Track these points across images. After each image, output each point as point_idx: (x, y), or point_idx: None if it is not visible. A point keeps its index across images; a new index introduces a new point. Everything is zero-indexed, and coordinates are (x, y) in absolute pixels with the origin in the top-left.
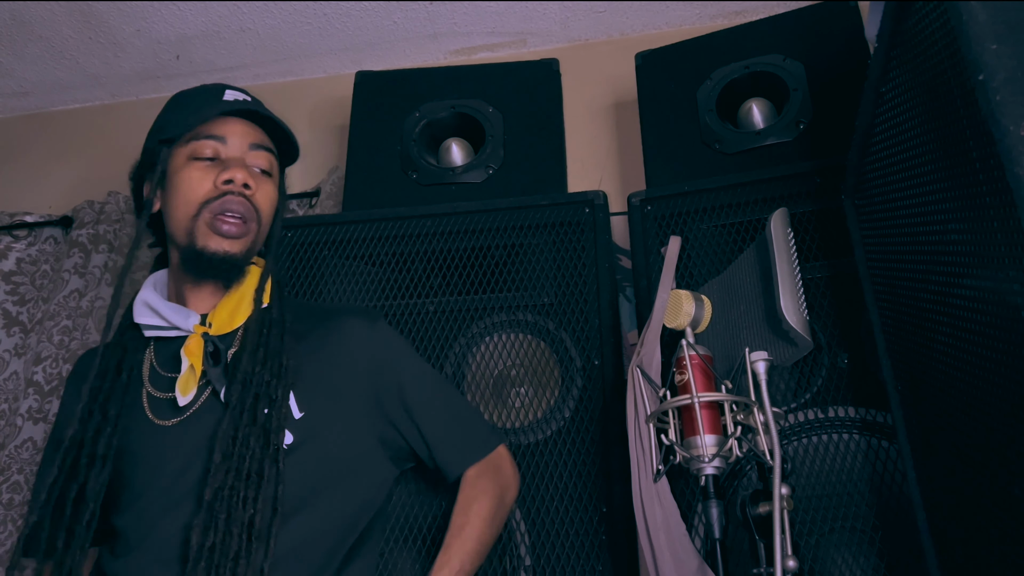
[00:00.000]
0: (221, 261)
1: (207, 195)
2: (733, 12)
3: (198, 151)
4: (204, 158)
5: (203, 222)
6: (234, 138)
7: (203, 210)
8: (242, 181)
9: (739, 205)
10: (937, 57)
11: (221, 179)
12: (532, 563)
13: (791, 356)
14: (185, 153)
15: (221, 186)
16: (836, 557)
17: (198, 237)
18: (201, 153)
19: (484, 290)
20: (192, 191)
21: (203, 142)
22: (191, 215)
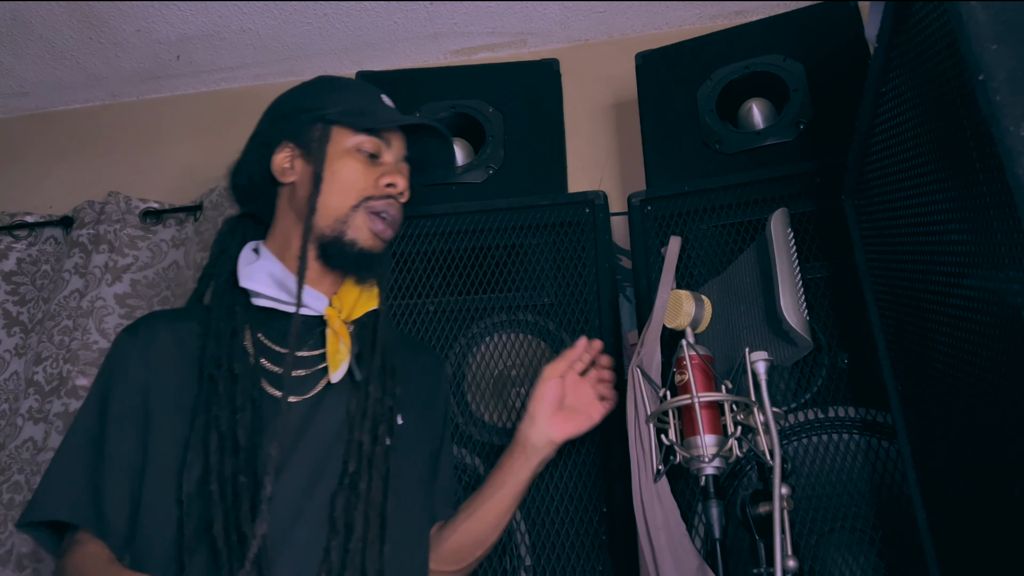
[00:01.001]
0: (366, 258)
1: (369, 191)
2: (733, 12)
3: (364, 145)
4: (367, 153)
5: (361, 216)
6: (396, 145)
7: (363, 204)
8: (402, 189)
9: (739, 205)
10: (937, 57)
11: (384, 180)
12: (532, 563)
13: (791, 356)
14: (349, 142)
15: (383, 187)
16: (836, 557)
17: (350, 229)
18: (366, 148)
19: (484, 290)
20: (355, 181)
21: (371, 139)
22: (350, 205)
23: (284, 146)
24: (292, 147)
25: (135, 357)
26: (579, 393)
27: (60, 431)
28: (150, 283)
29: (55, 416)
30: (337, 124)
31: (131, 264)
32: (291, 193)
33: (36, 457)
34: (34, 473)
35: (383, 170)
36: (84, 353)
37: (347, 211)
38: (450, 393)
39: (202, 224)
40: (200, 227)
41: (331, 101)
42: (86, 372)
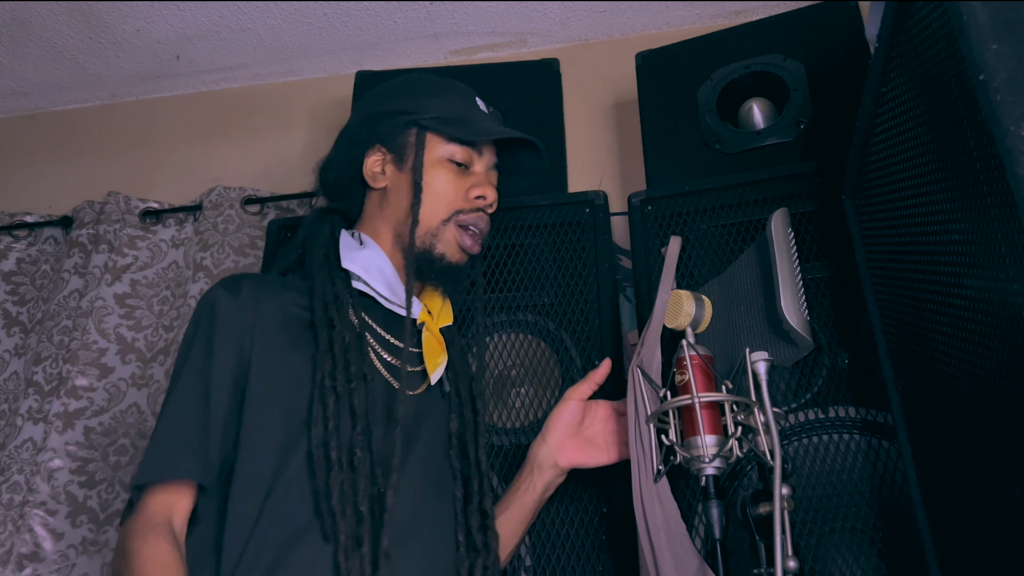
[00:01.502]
0: (453, 271)
1: (459, 204)
2: (733, 12)
3: (456, 155)
4: (457, 163)
5: (451, 229)
6: (486, 154)
7: (453, 217)
8: (491, 201)
9: (739, 205)
10: (937, 57)
11: (474, 192)
12: (532, 563)
13: (791, 356)
14: (441, 151)
15: (473, 200)
16: (836, 557)
17: (439, 242)
18: (457, 158)
19: (484, 290)
20: (446, 193)
21: (464, 148)
22: (441, 218)
23: (376, 150)
24: (384, 152)
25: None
26: (605, 426)
27: (59, 431)
28: (150, 283)
29: (55, 416)
30: (431, 131)
31: (131, 264)
32: (381, 197)
33: (36, 457)
34: (33, 473)
35: (473, 181)
36: (84, 353)
37: (437, 224)
38: None
39: (202, 224)
40: (200, 227)
41: (427, 105)
42: (85, 372)
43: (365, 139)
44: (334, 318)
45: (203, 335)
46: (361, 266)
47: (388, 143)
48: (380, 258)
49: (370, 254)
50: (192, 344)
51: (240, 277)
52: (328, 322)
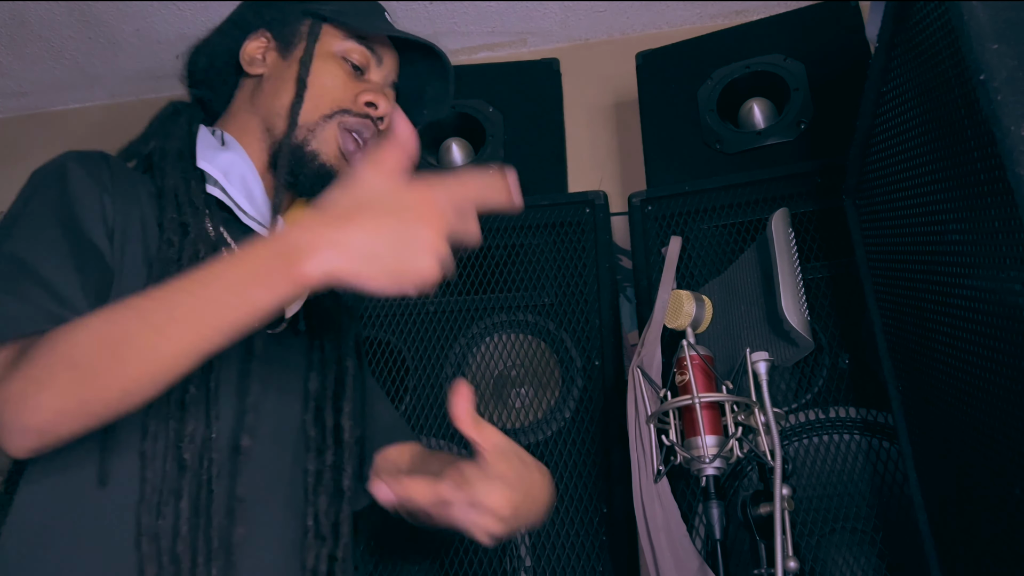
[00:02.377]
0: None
1: (346, 104)
2: (733, 12)
3: (352, 54)
4: (353, 64)
5: (331, 128)
6: (387, 65)
7: (337, 116)
8: (383, 112)
9: (740, 205)
10: (938, 57)
11: (364, 98)
12: (532, 564)
13: (792, 356)
14: (336, 46)
15: (363, 105)
16: (837, 558)
17: (315, 139)
18: (352, 58)
19: (484, 290)
20: (333, 88)
21: (362, 49)
22: (322, 114)
23: (260, 34)
24: (269, 37)
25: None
26: None
27: None
28: None
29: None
30: (328, 22)
31: None
32: (255, 86)
33: None
34: None
35: (366, 87)
36: None
37: (317, 120)
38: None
39: None
40: None
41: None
42: None
43: (250, 22)
44: (188, 223)
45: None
46: (220, 169)
47: (275, 29)
48: (244, 163)
49: (233, 157)
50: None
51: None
52: (181, 227)
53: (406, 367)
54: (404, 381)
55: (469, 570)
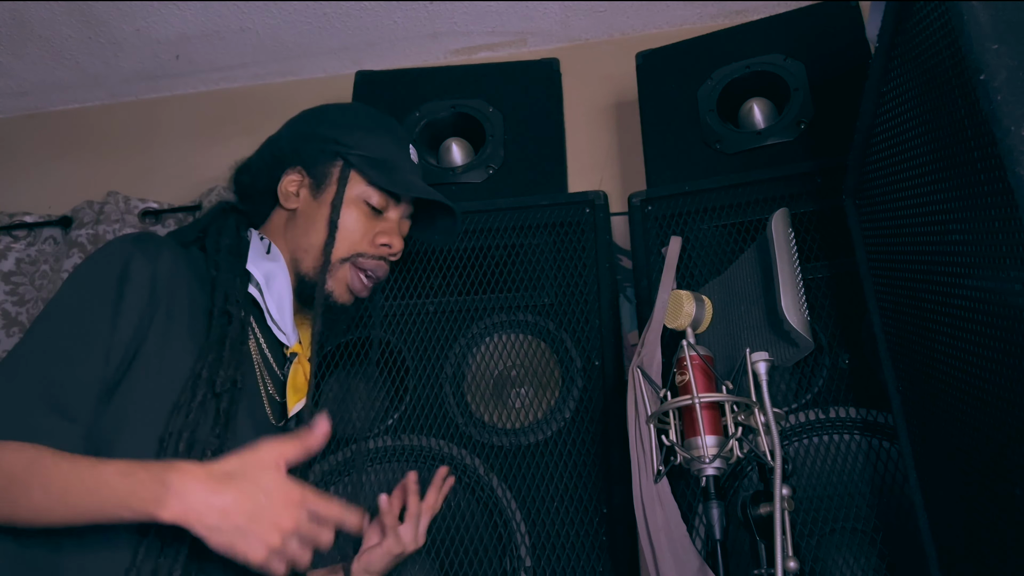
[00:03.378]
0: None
1: (363, 247)
2: (734, 12)
3: (372, 198)
4: (372, 207)
5: (346, 270)
6: (404, 204)
7: (353, 259)
8: (396, 251)
9: (740, 205)
10: (938, 57)
11: (380, 239)
12: (532, 564)
13: (792, 356)
14: (358, 189)
15: (378, 246)
16: (837, 558)
17: (330, 280)
18: (373, 201)
19: (484, 290)
20: (353, 233)
21: (382, 195)
22: (340, 256)
23: (296, 171)
24: (303, 175)
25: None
26: None
27: None
28: None
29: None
30: (356, 169)
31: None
32: (289, 218)
33: None
34: None
35: (383, 228)
36: None
37: (334, 262)
38: None
39: None
40: None
41: (358, 140)
42: None
43: (288, 156)
44: (232, 312)
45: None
46: (264, 276)
47: (310, 167)
48: (284, 279)
49: (276, 270)
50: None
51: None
52: (226, 315)
53: (406, 367)
54: (404, 381)
55: (469, 570)
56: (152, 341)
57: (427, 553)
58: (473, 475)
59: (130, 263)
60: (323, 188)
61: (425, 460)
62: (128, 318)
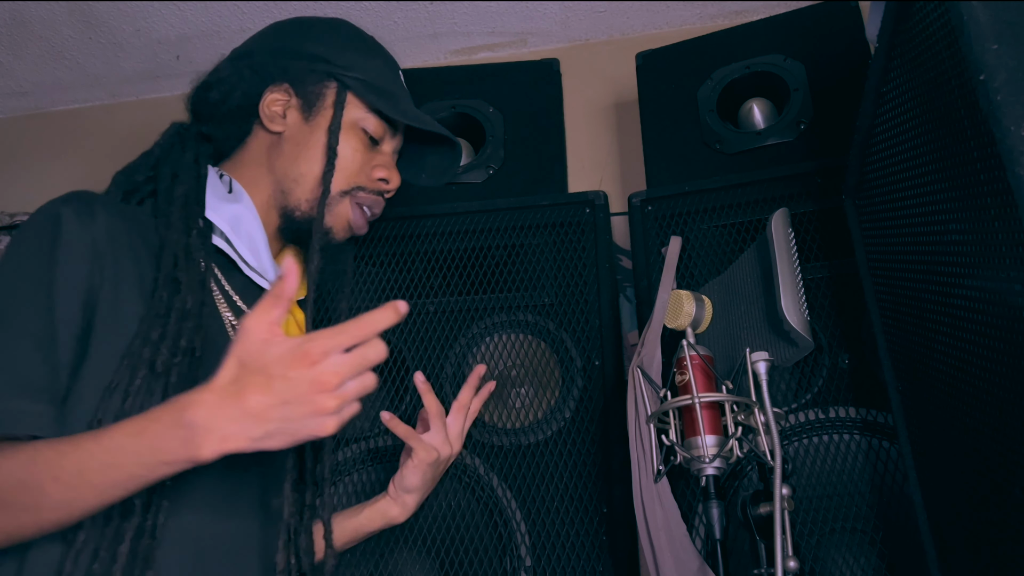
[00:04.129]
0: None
1: (361, 180)
2: (733, 12)
3: (369, 125)
4: (370, 136)
5: (345, 204)
6: (398, 136)
7: (354, 192)
8: (393, 187)
9: (740, 205)
10: (938, 57)
11: (378, 173)
12: (532, 564)
13: (792, 356)
14: (357, 114)
15: (375, 180)
16: (837, 558)
17: (329, 214)
18: (370, 128)
19: (484, 290)
20: (352, 163)
21: (381, 123)
22: (340, 189)
23: (282, 88)
24: (291, 94)
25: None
26: None
27: None
28: None
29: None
30: (353, 92)
31: None
32: (273, 143)
33: None
34: None
35: (380, 160)
36: None
37: (334, 195)
38: None
39: None
40: None
41: (352, 61)
42: None
43: (271, 72)
44: (181, 279)
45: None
46: (228, 222)
47: (298, 86)
48: (252, 219)
49: (241, 211)
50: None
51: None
52: (173, 282)
53: (406, 367)
54: (404, 381)
55: (469, 570)
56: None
57: (427, 553)
58: (473, 475)
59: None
60: (315, 111)
61: None
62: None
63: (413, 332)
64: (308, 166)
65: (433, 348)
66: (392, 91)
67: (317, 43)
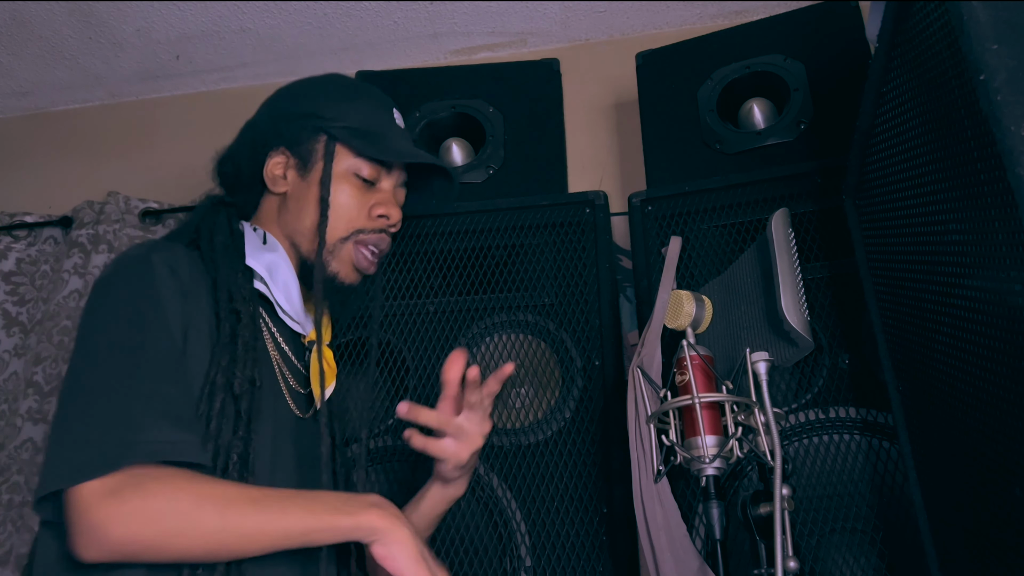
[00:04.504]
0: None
1: (361, 223)
2: (733, 12)
3: (362, 170)
4: (364, 179)
5: (348, 249)
6: (396, 172)
7: (353, 237)
8: (395, 221)
9: (740, 205)
10: (938, 57)
11: (377, 211)
12: (533, 564)
13: (792, 356)
14: (346, 163)
15: (375, 219)
16: (837, 558)
17: (334, 261)
18: (363, 173)
19: (484, 290)
20: (349, 209)
21: (372, 165)
22: (339, 236)
23: (280, 152)
24: (288, 156)
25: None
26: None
27: None
28: None
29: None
30: (340, 142)
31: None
32: (280, 203)
33: (35, 458)
34: (33, 474)
35: (378, 199)
36: None
37: (335, 242)
38: None
39: None
40: None
41: (339, 111)
42: None
43: (269, 139)
44: (241, 311)
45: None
46: (266, 268)
47: (293, 147)
48: (286, 268)
49: (276, 259)
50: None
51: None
52: (234, 314)
53: (406, 367)
54: (404, 381)
55: (469, 570)
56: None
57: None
58: (473, 475)
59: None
60: (310, 167)
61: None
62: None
63: (413, 332)
64: (310, 219)
65: (433, 348)
66: (379, 131)
67: (307, 101)
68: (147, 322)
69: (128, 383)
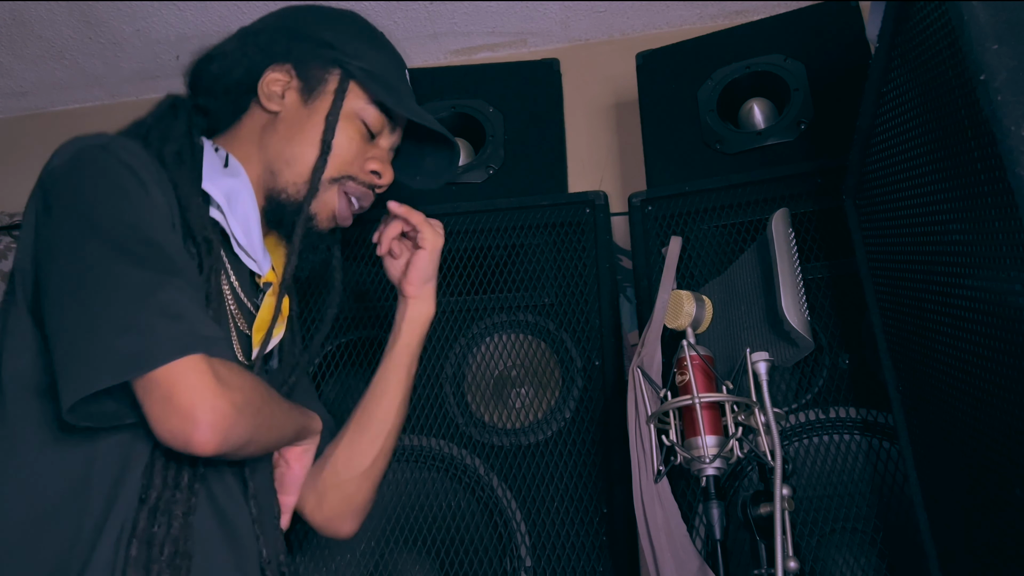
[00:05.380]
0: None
1: (355, 170)
2: (733, 12)
3: (368, 116)
4: (368, 128)
5: (332, 192)
6: (396, 133)
7: (344, 181)
8: (385, 183)
9: (740, 205)
10: (938, 57)
11: (371, 165)
12: (532, 564)
13: (792, 357)
14: (355, 104)
15: (368, 173)
16: (837, 558)
17: (316, 202)
18: (369, 121)
19: (484, 290)
20: (345, 152)
21: (381, 116)
22: (330, 176)
23: (283, 68)
24: (292, 76)
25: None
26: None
27: None
28: None
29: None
30: (356, 80)
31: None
32: (268, 122)
33: None
34: None
35: (375, 154)
36: None
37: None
38: None
39: None
40: None
41: (359, 51)
42: None
43: (275, 51)
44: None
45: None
46: (224, 195)
47: (301, 68)
48: (248, 197)
49: (237, 185)
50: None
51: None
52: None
53: None
54: None
55: (469, 570)
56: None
57: (427, 553)
58: (473, 475)
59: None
60: (315, 96)
61: (425, 460)
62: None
63: None
64: (301, 149)
65: (433, 348)
66: (396, 86)
67: (326, 29)
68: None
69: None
